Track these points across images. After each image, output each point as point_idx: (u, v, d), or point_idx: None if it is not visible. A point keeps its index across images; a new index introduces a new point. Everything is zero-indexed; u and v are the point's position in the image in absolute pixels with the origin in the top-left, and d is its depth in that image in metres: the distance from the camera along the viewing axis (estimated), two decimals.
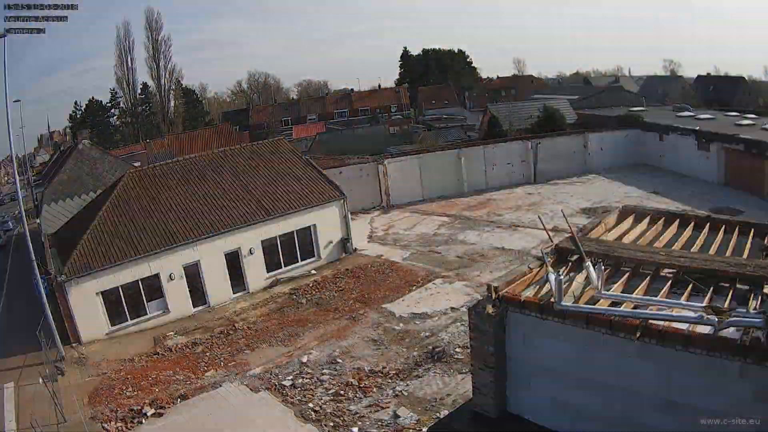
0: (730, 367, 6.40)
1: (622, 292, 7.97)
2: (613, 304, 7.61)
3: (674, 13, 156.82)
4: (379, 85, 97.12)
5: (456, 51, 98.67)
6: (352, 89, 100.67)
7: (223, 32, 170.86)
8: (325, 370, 16.64)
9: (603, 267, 7.97)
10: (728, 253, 9.00)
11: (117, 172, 31.96)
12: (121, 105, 76.90)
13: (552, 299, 7.76)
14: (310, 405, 14.90)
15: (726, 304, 7.15)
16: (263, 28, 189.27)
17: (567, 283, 8.12)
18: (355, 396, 15.16)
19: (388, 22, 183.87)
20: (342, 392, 15.38)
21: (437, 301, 20.37)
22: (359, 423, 13.93)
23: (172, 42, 76.27)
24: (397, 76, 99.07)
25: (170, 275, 21.72)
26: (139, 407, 15.55)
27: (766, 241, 9.48)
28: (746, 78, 77.48)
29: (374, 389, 15.38)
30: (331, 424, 14.00)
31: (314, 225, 25.52)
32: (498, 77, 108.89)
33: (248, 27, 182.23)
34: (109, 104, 77.89)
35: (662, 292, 7.82)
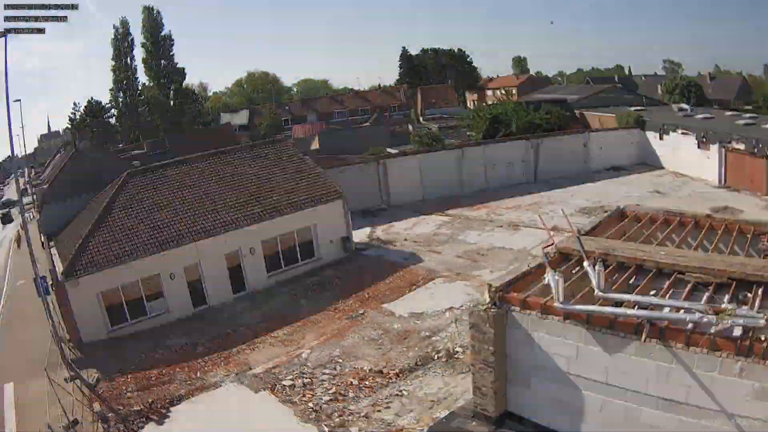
0: (730, 367, 6.40)
1: (622, 292, 7.97)
2: (614, 304, 7.61)
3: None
4: (379, 85, 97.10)
5: (456, 51, 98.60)
6: (352, 89, 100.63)
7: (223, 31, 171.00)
8: (325, 370, 16.62)
9: (603, 267, 7.97)
10: (728, 253, 9.00)
11: (117, 172, 31.93)
12: (121, 105, 76.74)
13: (552, 299, 7.77)
14: (310, 405, 14.89)
15: (726, 304, 7.16)
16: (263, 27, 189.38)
17: (567, 283, 8.12)
18: (356, 396, 15.15)
19: (389, 20, 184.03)
20: (342, 392, 15.37)
21: (437, 301, 20.36)
22: (359, 423, 13.92)
23: (174, 41, 75.95)
24: (397, 76, 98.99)
25: (170, 275, 21.71)
26: (140, 407, 15.55)
27: (766, 240, 9.48)
28: (746, 76, 77.59)
29: (374, 389, 15.37)
30: (332, 424, 13.99)
31: (314, 225, 25.51)
32: (498, 76, 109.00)
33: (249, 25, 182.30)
34: (109, 104, 77.78)
35: (662, 291, 7.83)
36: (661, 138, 37.46)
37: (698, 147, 33.82)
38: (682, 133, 35.45)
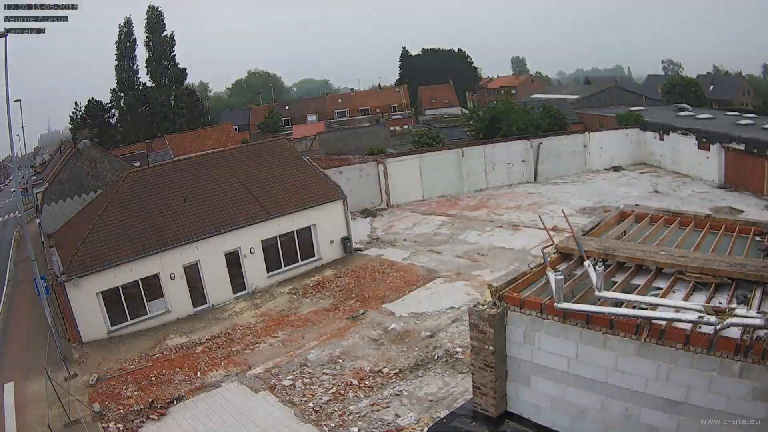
0: (730, 367, 6.40)
1: (622, 292, 7.97)
2: (614, 304, 7.60)
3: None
4: (379, 85, 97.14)
5: (456, 51, 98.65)
6: (352, 89, 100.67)
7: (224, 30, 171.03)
8: (325, 370, 16.63)
9: (603, 267, 7.96)
10: (728, 253, 9.00)
11: (117, 172, 31.96)
12: (122, 105, 76.67)
13: (552, 299, 7.76)
14: (310, 405, 14.90)
15: (726, 304, 7.15)
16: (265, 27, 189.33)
17: (567, 283, 8.11)
18: (355, 396, 15.16)
19: (388, 21, 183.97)
20: (342, 392, 15.37)
21: (437, 301, 20.36)
22: (359, 423, 13.93)
23: (176, 41, 75.90)
24: (397, 76, 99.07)
25: (170, 275, 21.71)
26: (140, 407, 15.55)
27: (766, 241, 9.48)
28: (745, 77, 77.65)
29: (374, 389, 15.38)
30: (332, 424, 14.00)
31: (314, 225, 25.53)
32: (498, 77, 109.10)
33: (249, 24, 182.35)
34: (110, 104, 77.71)
35: (662, 291, 7.83)
36: (661, 138, 37.46)
37: (698, 147, 33.82)
38: (682, 133, 35.45)
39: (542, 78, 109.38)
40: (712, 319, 6.55)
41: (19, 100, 39.69)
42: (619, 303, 7.58)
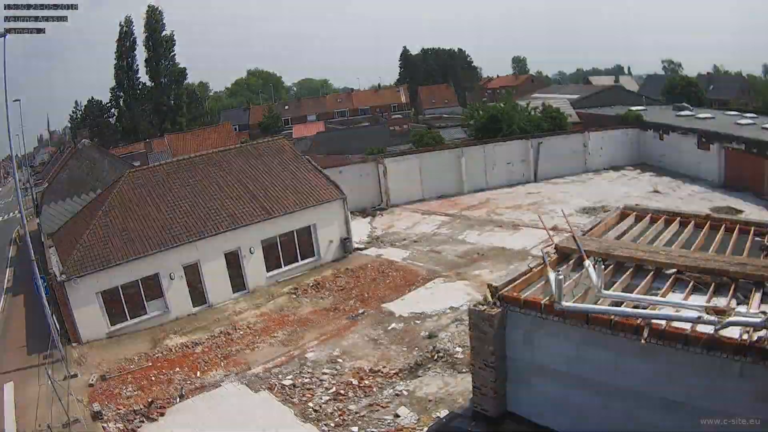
0: (730, 367, 6.41)
1: (622, 292, 7.97)
2: (614, 303, 7.61)
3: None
4: (379, 85, 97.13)
5: (456, 50, 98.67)
6: (352, 89, 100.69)
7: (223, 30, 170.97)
8: (325, 370, 16.63)
9: (603, 267, 7.97)
10: (728, 253, 9.01)
11: (117, 172, 31.95)
12: (121, 104, 76.65)
13: (552, 299, 7.77)
14: (310, 405, 14.90)
15: (726, 304, 7.16)
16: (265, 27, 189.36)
17: (567, 283, 8.12)
18: (355, 396, 15.15)
19: (389, 20, 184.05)
20: (342, 392, 15.37)
21: (437, 301, 20.35)
22: (359, 423, 13.93)
23: (175, 41, 75.91)
24: (397, 76, 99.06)
25: (170, 275, 21.70)
26: (139, 407, 15.55)
27: (766, 240, 9.49)
28: (745, 76, 77.62)
29: (374, 389, 15.38)
30: (332, 423, 14.00)
31: (314, 224, 25.51)
32: (498, 76, 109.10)
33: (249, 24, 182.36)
34: (109, 104, 77.70)
35: (662, 291, 7.84)
36: (661, 138, 37.47)
37: (698, 147, 33.83)
38: (682, 133, 35.47)
39: (542, 78, 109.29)
40: (712, 319, 6.56)
41: (19, 100, 39.66)
42: (619, 303, 7.59)
